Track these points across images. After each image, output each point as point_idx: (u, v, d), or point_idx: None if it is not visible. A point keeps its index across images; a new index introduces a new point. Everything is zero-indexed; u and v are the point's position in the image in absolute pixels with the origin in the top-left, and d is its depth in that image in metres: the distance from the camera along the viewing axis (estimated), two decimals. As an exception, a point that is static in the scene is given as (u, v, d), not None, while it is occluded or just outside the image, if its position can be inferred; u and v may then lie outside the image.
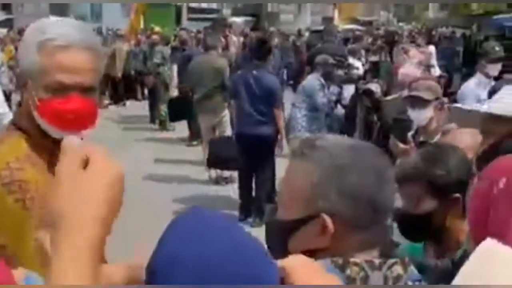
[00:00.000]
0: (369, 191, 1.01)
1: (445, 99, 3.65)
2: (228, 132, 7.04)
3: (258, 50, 6.03)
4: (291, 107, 6.27)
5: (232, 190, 6.58)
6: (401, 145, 3.37)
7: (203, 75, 6.92)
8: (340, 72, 6.04)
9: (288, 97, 7.35)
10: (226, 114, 6.96)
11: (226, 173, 7.07)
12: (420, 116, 3.41)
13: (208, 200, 6.48)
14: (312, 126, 5.93)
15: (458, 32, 17.80)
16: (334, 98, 6.18)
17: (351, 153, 1.04)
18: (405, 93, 4.90)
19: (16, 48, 9.27)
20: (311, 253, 0.94)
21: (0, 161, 1.48)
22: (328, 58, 6.20)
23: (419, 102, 3.39)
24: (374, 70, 8.81)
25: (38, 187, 1.47)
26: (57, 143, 1.54)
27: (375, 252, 1.04)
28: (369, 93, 4.62)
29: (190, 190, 6.83)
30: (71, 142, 0.76)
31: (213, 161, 6.44)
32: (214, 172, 7.12)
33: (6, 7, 20.01)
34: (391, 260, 1.02)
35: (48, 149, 1.55)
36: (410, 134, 3.41)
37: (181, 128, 9.75)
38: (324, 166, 1.02)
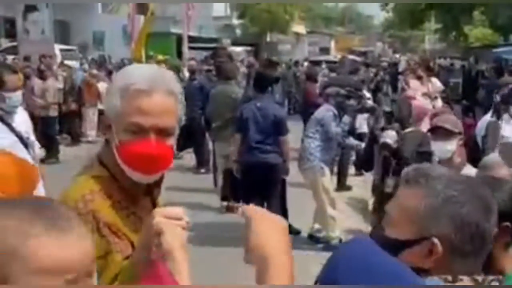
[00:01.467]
0: (478, 220, 1.09)
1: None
2: None
3: (259, 82, 6.20)
4: (302, 137, 6.36)
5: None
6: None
7: (220, 104, 7.05)
8: (353, 102, 6.13)
9: (290, 125, 7.40)
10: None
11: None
12: (443, 148, 3.47)
13: (222, 227, 6.51)
14: (325, 156, 6.00)
15: (457, 64, 18.08)
16: (346, 128, 6.27)
17: (462, 184, 1.13)
18: (423, 126, 5.00)
19: (24, 75, 9.29)
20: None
21: (77, 194, 1.56)
22: (339, 90, 6.30)
23: (442, 134, 3.46)
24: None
25: (105, 215, 1.54)
26: (136, 184, 1.64)
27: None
28: (386, 146, 4.62)
29: (204, 218, 6.86)
30: None
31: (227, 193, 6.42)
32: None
33: (10, 35, 20.17)
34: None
35: (125, 189, 1.62)
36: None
37: (188, 156, 9.81)
38: (438, 194, 1.12)
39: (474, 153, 4.64)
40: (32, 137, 3.87)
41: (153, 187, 1.71)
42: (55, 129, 11.09)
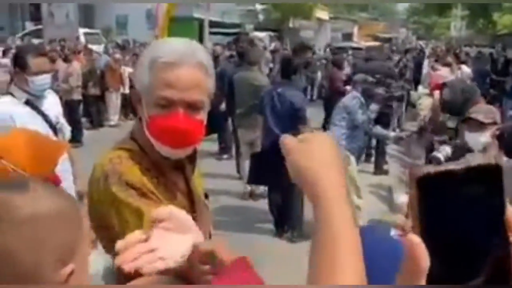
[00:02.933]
0: None
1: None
2: None
3: (285, 68, 6.12)
4: (323, 124, 6.28)
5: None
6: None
7: (244, 91, 7.02)
8: (381, 90, 6.00)
9: (312, 113, 7.30)
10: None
11: (261, 188, 7.05)
12: (476, 140, 3.37)
13: (246, 214, 6.49)
14: (351, 144, 5.90)
15: (484, 52, 17.70)
16: (373, 116, 6.14)
17: None
18: (437, 95, 4.86)
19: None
20: None
21: (104, 159, 1.58)
22: (367, 77, 6.18)
23: (475, 126, 3.36)
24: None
25: (134, 179, 1.53)
26: (166, 159, 1.62)
27: None
28: (435, 159, 4.36)
29: (227, 203, 6.83)
30: None
31: (253, 177, 6.36)
32: (249, 186, 7.11)
33: (35, 18, 20.31)
34: None
35: (155, 162, 1.60)
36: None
37: (210, 142, 9.78)
38: None
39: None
40: (62, 121, 3.80)
41: (184, 163, 1.68)
42: (79, 112, 11.14)
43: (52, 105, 3.78)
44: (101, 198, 1.55)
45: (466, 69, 11.32)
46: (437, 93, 6.61)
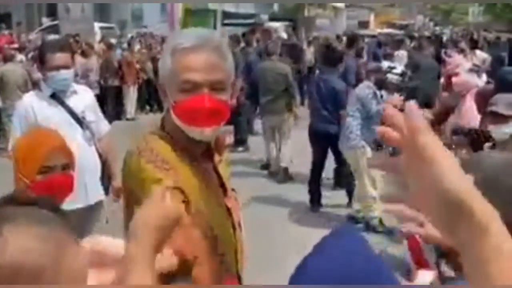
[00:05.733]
0: None
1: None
2: (288, 134, 7.70)
3: (331, 57, 6.47)
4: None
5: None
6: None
7: (269, 79, 7.55)
8: (395, 80, 5.96)
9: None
10: (287, 117, 7.62)
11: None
12: (500, 131, 3.33)
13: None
14: (366, 134, 5.89)
15: (503, 37, 17.42)
16: (388, 106, 6.11)
17: None
18: (466, 103, 4.83)
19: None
20: None
21: (141, 140, 1.69)
22: (380, 66, 6.15)
23: (497, 118, 3.32)
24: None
25: (165, 155, 1.62)
26: (194, 144, 1.69)
27: None
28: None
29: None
30: None
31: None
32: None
33: (52, 13, 20.46)
34: None
35: (184, 147, 1.67)
36: (486, 147, 3.34)
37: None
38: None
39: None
40: (91, 117, 3.76)
41: (212, 151, 1.76)
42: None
43: (82, 100, 3.74)
44: (132, 172, 1.64)
45: (482, 55, 11.09)
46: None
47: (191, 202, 1.56)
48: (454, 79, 5.76)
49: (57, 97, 3.66)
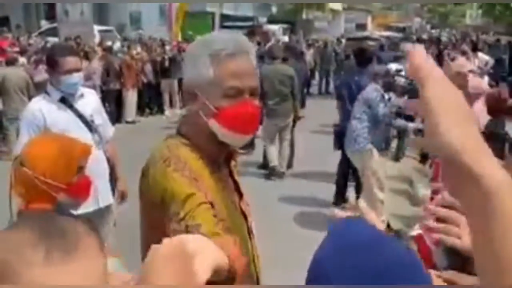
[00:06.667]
0: None
1: None
2: (288, 136, 7.82)
3: (361, 59, 6.61)
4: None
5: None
6: (500, 161, 3.27)
7: (276, 82, 7.59)
8: (403, 82, 5.93)
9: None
10: (291, 120, 7.73)
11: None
12: None
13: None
14: (374, 138, 5.85)
15: (503, 39, 17.46)
16: (394, 109, 6.07)
17: None
18: (478, 107, 4.79)
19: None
20: None
21: (161, 145, 1.66)
22: (389, 69, 6.11)
23: None
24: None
25: (190, 164, 1.57)
26: (218, 151, 1.68)
27: None
28: None
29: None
30: None
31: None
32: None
33: (50, 16, 20.39)
34: None
35: (207, 155, 1.65)
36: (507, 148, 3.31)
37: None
38: None
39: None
40: (99, 120, 3.75)
41: (230, 156, 1.76)
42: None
43: (89, 104, 3.72)
44: (158, 181, 1.57)
45: (484, 57, 11.09)
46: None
47: (216, 211, 1.54)
48: (470, 81, 5.72)
49: (66, 101, 3.62)
